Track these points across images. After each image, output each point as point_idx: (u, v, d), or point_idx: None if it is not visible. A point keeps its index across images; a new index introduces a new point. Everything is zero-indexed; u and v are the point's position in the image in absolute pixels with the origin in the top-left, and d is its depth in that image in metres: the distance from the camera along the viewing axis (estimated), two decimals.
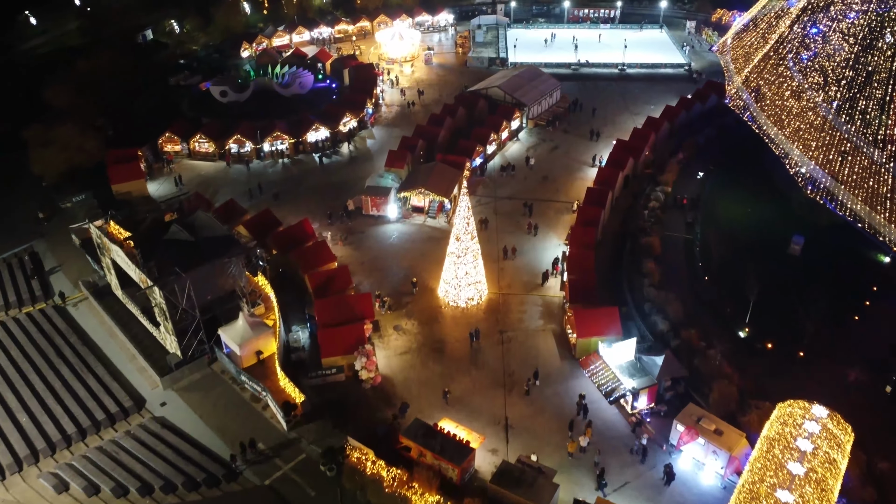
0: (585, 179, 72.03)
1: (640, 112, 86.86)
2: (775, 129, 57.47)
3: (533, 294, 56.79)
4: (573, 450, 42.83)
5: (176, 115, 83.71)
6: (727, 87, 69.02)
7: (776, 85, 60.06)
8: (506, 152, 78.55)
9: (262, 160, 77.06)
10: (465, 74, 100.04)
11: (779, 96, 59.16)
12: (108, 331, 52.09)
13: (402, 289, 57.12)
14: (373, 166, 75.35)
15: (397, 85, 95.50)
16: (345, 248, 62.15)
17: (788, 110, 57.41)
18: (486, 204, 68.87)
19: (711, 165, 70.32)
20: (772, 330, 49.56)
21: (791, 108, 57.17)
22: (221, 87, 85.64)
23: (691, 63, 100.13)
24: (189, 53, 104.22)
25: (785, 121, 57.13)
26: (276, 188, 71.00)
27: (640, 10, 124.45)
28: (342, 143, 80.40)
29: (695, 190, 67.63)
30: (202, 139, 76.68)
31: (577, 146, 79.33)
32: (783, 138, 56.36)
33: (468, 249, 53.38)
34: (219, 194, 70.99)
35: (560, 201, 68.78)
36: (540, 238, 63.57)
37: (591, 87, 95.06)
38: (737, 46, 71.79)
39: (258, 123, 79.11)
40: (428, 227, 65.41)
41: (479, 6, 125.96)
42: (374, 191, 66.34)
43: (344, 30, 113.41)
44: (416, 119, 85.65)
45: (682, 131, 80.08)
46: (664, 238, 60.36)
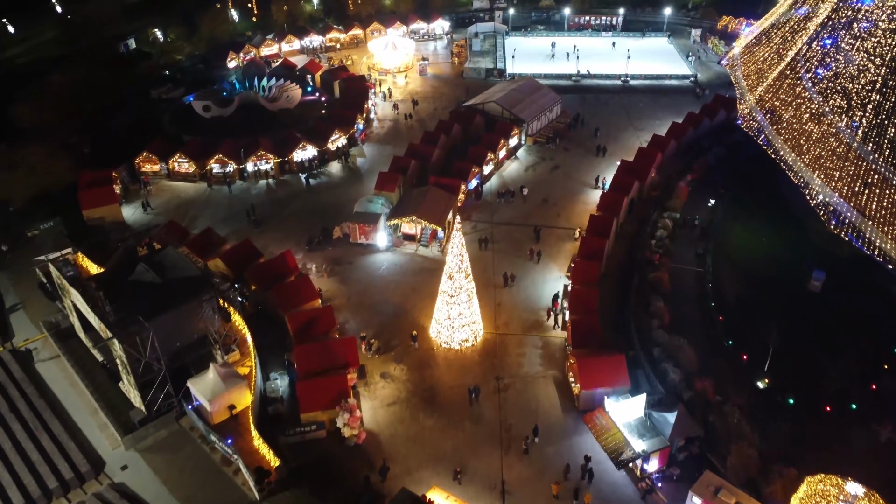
0: (588, 203, 67.82)
1: (644, 128, 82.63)
2: (793, 156, 53.30)
3: (532, 334, 52.52)
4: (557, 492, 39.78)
5: (157, 131, 79.40)
6: (739, 105, 64.81)
7: (793, 106, 55.85)
8: (504, 172, 74.29)
9: (246, 181, 72.69)
10: (461, 86, 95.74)
11: (796, 119, 54.96)
12: (69, 379, 47.75)
13: (390, 327, 52.88)
14: (362, 188, 71.04)
15: (390, 98, 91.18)
16: (331, 281, 57.84)
17: (807, 135, 53.21)
18: (482, 230, 64.57)
19: (722, 189, 66.02)
20: (793, 380, 45.33)
21: (810, 133, 52.96)
22: (204, 101, 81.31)
23: (697, 74, 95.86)
24: (173, 63, 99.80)
25: (804, 146, 52.94)
26: (258, 213, 66.58)
27: (642, 17, 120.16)
28: (331, 161, 76.09)
29: (705, 216, 63.35)
30: (182, 159, 72.29)
31: (579, 165, 75.05)
32: (802, 165, 52.17)
33: (462, 288, 49.09)
34: (199, 219, 66.73)
35: (561, 227, 64.49)
36: (541, 266, 59.36)
37: (593, 100, 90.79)
38: (748, 61, 67.55)
39: (242, 141, 74.86)
40: (420, 256, 61.12)
41: (476, 13, 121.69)
42: (362, 218, 62.03)
43: (335, 38, 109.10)
44: (410, 135, 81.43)
45: (690, 149, 75.89)
46: (673, 272, 56.12)
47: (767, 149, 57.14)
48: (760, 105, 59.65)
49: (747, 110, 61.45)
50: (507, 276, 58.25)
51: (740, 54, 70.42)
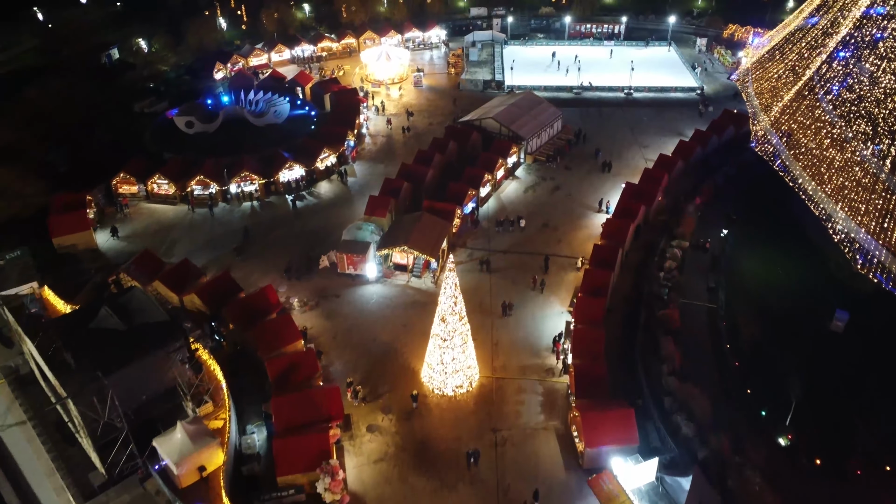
0: (591, 228, 63.94)
1: (649, 145, 78.77)
2: (813, 185, 49.39)
3: (532, 378, 48.55)
4: None
5: (137, 148, 75.47)
6: (752, 126, 60.80)
7: (812, 130, 51.94)
8: (501, 193, 70.35)
9: (229, 203, 68.69)
10: (457, 99, 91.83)
11: (817, 145, 51.07)
12: (26, 434, 43.67)
13: (379, 371, 48.92)
14: (352, 210, 67.09)
15: (383, 112, 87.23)
16: (316, 316, 53.86)
17: (829, 162, 49.31)
18: (479, 259, 60.59)
19: (734, 214, 62.06)
20: (819, 437, 41.43)
21: (832, 160, 49.06)
22: (187, 117, 77.36)
23: (703, 87, 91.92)
24: (158, 75, 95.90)
25: (825, 175, 49.05)
26: (238, 240, 62.61)
27: (645, 25, 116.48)
28: (320, 181, 72.17)
29: (717, 243, 59.42)
30: (161, 180, 68.30)
31: (581, 186, 71.13)
32: (823, 196, 48.27)
33: (456, 332, 45.12)
34: (178, 245, 62.80)
35: (563, 255, 60.51)
36: (542, 298, 55.43)
37: (595, 114, 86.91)
38: (760, 77, 63.65)
39: (226, 160, 71.00)
40: (412, 288, 57.14)
41: (473, 20, 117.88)
42: (350, 247, 58.06)
43: (328, 47, 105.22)
44: (404, 151, 77.62)
45: (698, 169, 71.97)
46: (684, 308, 52.17)
47: (784, 175, 53.19)
48: (776, 126, 55.69)
49: (761, 132, 57.44)
50: (505, 304, 54.53)
51: (751, 69, 66.41)
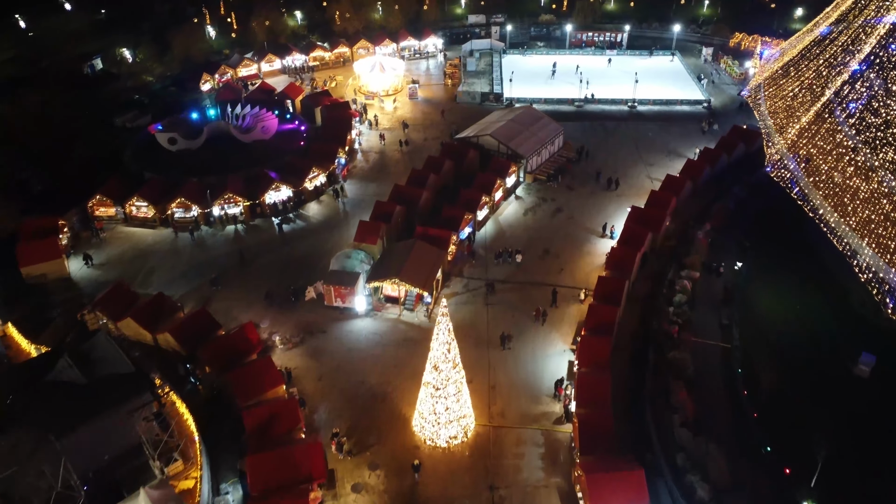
0: (595, 255, 60.28)
1: (654, 162, 75.14)
2: (835, 216, 45.72)
3: (532, 427, 44.83)
4: None
5: (117, 166, 71.74)
6: (766, 147, 57.08)
7: (834, 157, 48.26)
8: (500, 216, 66.64)
9: (212, 226, 64.94)
10: (454, 112, 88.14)
11: (839, 172, 47.39)
12: None
13: (367, 419, 45.19)
14: (342, 235, 63.39)
15: (376, 126, 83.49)
16: (300, 355, 50.13)
17: (853, 192, 45.64)
18: (475, 290, 56.90)
19: (747, 241, 58.36)
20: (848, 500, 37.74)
21: (857, 191, 45.40)
22: (170, 133, 73.56)
23: (711, 100, 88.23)
24: (142, 86, 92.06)
25: (849, 206, 45.37)
26: (217, 268, 58.86)
27: (649, 34, 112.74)
28: (308, 202, 68.50)
29: (729, 276, 55.69)
30: (139, 202, 64.55)
31: (584, 208, 67.41)
32: (848, 230, 44.60)
33: (449, 380, 41.43)
34: (156, 273, 59.08)
35: (566, 286, 56.77)
36: (544, 333, 51.79)
37: (598, 129, 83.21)
38: (774, 95, 59.97)
39: (209, 180, 67.34)
40: (404, 323, 53.41)
41: (471, 28, 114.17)
42: (337, 277, 54.34)
43: (320, 57, 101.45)
44: (398, 170, 73.99)
45: (707, 190, 68.29)
46: (695, 347, 48.51)
47: (803, 204, 49.52)
48: (793, 150, 52.00)
49: (777, 156, 53.75)
50: (504, 336, 51.06)
51: (763, 85, 62.70)
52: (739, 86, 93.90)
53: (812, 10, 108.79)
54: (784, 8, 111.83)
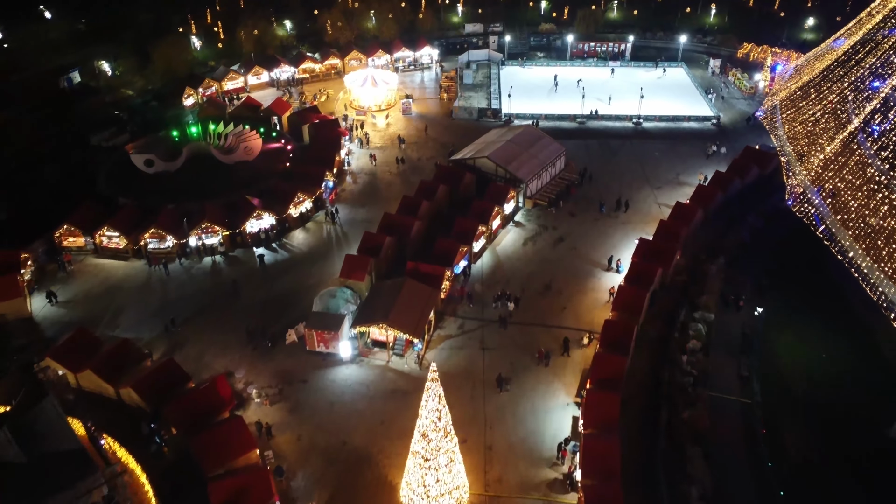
0: (600, 291, 55.83)
1: (662, 185, 70.72)
2: (868, 261, 41.34)
3: (533, 497, 40.39)
4: None
5: (90, 191, 67.18)
6: (786, 177, 52.63)
7: (864, 193, 43.87)
8: (497, 246, 62.18)
9: (188, 258, 60.40)
10: (450, 129, 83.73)
11: (870, 211, 42.99)
12: None
13: (349, 488, 40.72)
14: (328, 268, 58.91)
15: (367, 145, 78.99)
16: (278, 410, 45.62)
17: (889, 234, 41.24)
18: (470, 332, 52.43)
19: (764, 279, 53.93)
20: None
21: (893, 233, 41.00)
22: (146, 154, 69.06)
23: (720, 116, 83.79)
24: (122, 101, 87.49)
25: (883, 251, 40.97)
26: (193, 305, 54.44)
27: (653, 43, 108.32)
28: (293, 230, 64.08)
29: (747, 318, 51.25)
30: (110, 232, 60.05)
31: (588, 236, 62.96)
32: (882, 277, 40.22)
33: (440, 449, 36.94)
34: (125, 313, 54.50)
35: (569, 327, 52.34)
36: (546, 381, 47.38)
37: (601, 148, 78.73)
38: (792, 118, 55.52)
39: (187, 206, 63.00)
40: (392, 371, 48.90)
41: (468, 38, 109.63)
42: (320, 321, 49.85)
43: (310, 69, 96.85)
44: (390, 193, 69.59)
45: (719, 217, 63.85)
46: (712, 402, 44.09)
47: (830, 245, 45.11)
48: (817, 183, 47.58)
49: (799, 188, 49.29)
50: (501, 378, 46.90)
51: (781, 106, 58.23)
52: (749, 100, 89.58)
53: (823, 20, 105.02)
54: (794, 17, 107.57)
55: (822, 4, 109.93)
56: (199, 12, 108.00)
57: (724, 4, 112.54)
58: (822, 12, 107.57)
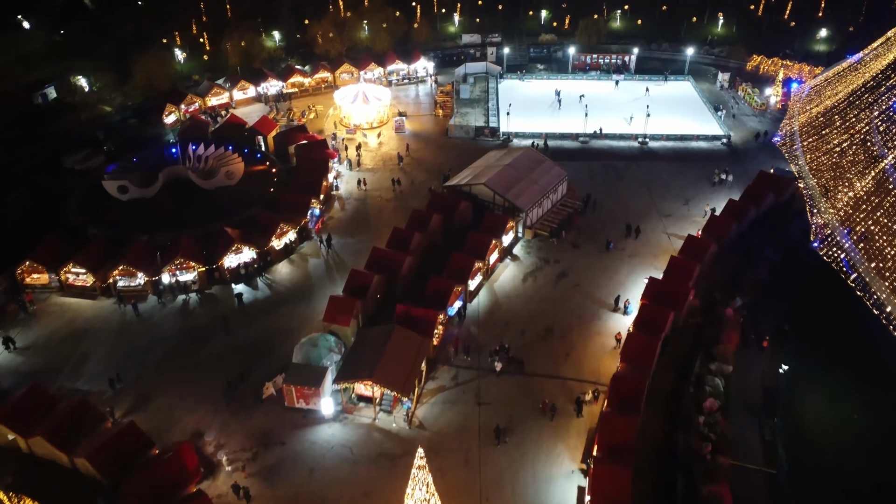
0: (606, 336, 51.41)
1: (672, 213, 66.25)
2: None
3: None
4: None
5: (60, 220, 62.69)
6: (810, 215, 48.15)
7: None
8: (495, 283, 57.70)
9: (161, 296, 55.84)
10: (445, 148, 79.28)
11: None
12: None
13: None
14: (312, 307, 54.47)
15: (357, 167, 74.49)
16: (251, 476, 41.09)
17: None
18: (465, 383, 47.95)
19: (786, 324, 49.48)
20: None
21: None
22: (119, 180, 64.60)
23: (731, 135, 79.32)
24: (99, 118, 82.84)
25: None
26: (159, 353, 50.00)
27: (658, 55, 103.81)
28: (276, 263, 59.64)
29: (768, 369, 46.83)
30: (76, 269, 55.55)
31: (592, 271, 58.46)
32: None
33: None
34: (89, 361, 50.02)
35: (572, 379, 47.90)
36: (552, 439, 42.99)
37: (605, 170, 74.19)
38: (814, 146, 51.04)
39: (160, 238, 58.64)
40: (379, 431, 44.37)
41: (465, 49, 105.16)
42: (300, 374, 45.34)
43: (299, 83, 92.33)
44: (381, 221, 65.26)
45: (733, 248, 59.40)
46: (734, 472, 39.62)
47: (863, 296, 40.71)
48: (846, 224, 43.12)
49: (825, 227, 44.83)
50: (499, 429, 42.88)
51: (800, 133, 53.72)
52: (760, 117, 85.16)
53: (836, 30, 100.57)
54: (805, 27, 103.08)
55: (833, 14, 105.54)
56: (185, 22, 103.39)
57: (732, 14, 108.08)
58: (835, 22, 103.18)
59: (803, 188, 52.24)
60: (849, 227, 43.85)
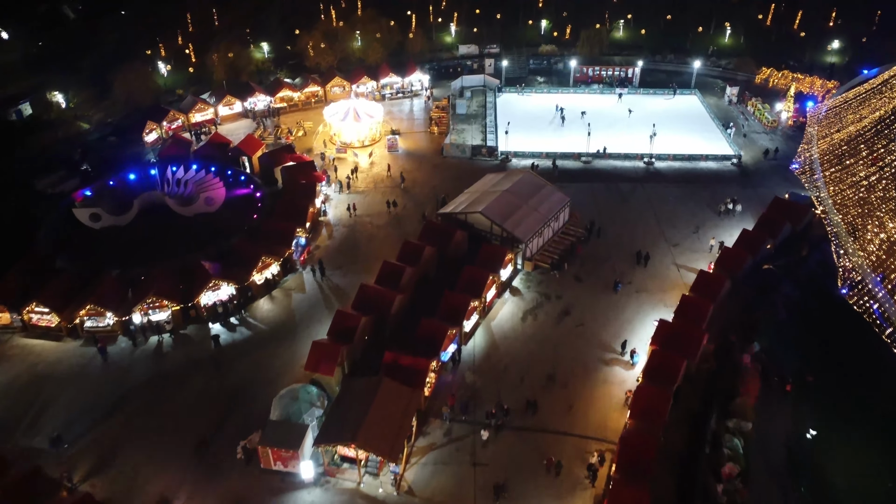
0: (612, 385, 47.34)
1: (680, 242, 62.20)
2: None
3: None
4: None
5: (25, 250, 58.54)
6: (836, 256, 44.15)
7: None
8: (492, 321, 53.61)
9: (133, 337, 51.68)
10: (440, 169, 75.21)
11: None
12: None
13: None
14: (294, 351, 50.36)
15: (347, 190, 70.39)
16: None
17: None
18: (459, 440, 43.83)
19: (809, 375, 45.41)
20: None
21: None
22: (91, 208, 60.62)
23: (741, 155, 75.24)
24: (77, 136, 78.74)
25: None
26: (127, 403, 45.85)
27: (663, 67, 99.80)
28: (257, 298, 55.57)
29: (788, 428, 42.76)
30: (40, 308, 51.43)
31: (597, 309, 54.36)
32: None
33: None
34: (50, 409, 46.06)
35: (575, 435, 43.83)
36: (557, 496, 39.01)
37: (609, 193, 70.10)
38: (837, 177, 46.92)
39: (133, 272, 54.62)
40: (365, 497, 40.20)
41: (461, 61, 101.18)
42: (277, 435, 41.18)
43: (288, 97, 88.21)
44: (371, 250, 61.20)
45: (747, 279, 55.26)
46: None
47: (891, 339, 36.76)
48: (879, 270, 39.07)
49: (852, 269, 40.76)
50: (498, 487, 39.23)
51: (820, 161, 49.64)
52: (771, 134, 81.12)
53: (848, 42, 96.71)
54: (815, 38, 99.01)
55: (845, 24, 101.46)
56: (170, 32, 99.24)
57: (739, 24, 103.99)
58: (846, 32, 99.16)
59: (827, 225, 48.12)
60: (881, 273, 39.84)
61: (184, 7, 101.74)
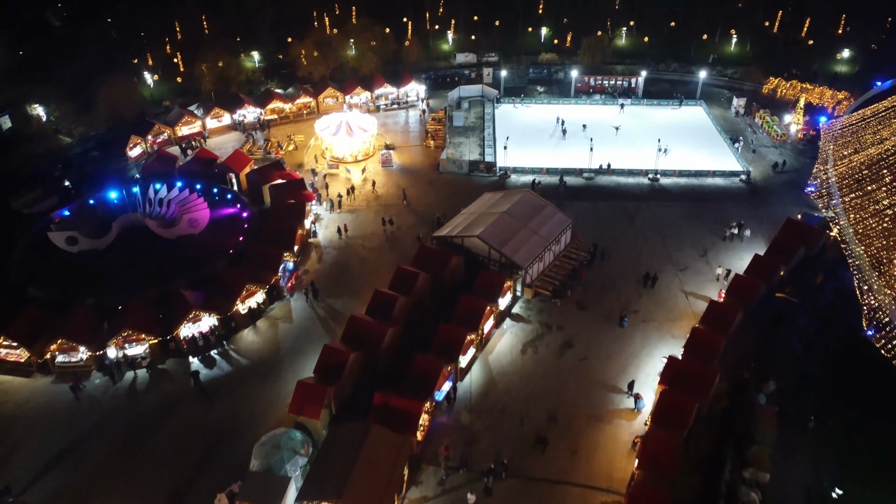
0: (618, 428, 44.22)
1: (688, 265, 59.09)
2: None
3: None
4: None
5: None
6: (860, 293, 41.07)
7: None
8: (490, 354, 50.48)
9: (110, 371, 48.55)
10: (436, 185, 72.08)
11: None
12: None
13: None
14: (277, 390, 47.22)
15: (338, 209, 67.23)
16: None
17: None
18: (454, 489, 40.69)
19: (831, 419, 42.33)
20: None
21: None
22: (67, 231, 57.51)
23: (750, 171, 72.10)
24: (58, 151, 75.59)
25: None
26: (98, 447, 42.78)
27: (667, 76, 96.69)
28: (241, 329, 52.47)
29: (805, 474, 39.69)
30: (7, 342, 48.30)
31: (601, 343, 51.20)
32: None
33: None
34: (19, 452, 43.26)
35: (578, 484, 40.71)
36: None
37: (613, 211, 66.96)
38: (858, 204, 43.82)
39: (109, 301, 51.57)
40: None
41: (459, 70, 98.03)
42: (256, 490, 37.95)
43: (279, 109, 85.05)
44: (363, 274, 58.20)
45: (759, 306, 52.11)
46: None
47: None
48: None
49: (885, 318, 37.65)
50: None
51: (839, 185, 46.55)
52: (781, 148, 78.00)
53: (858, 50, 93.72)
54: (825, 47, 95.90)
55: (854, 31, 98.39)
56: (157, 41, 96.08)
57: (745, 31, 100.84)
58: (856, 40, 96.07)
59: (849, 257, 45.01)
60: None
61: (172, 14, 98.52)
